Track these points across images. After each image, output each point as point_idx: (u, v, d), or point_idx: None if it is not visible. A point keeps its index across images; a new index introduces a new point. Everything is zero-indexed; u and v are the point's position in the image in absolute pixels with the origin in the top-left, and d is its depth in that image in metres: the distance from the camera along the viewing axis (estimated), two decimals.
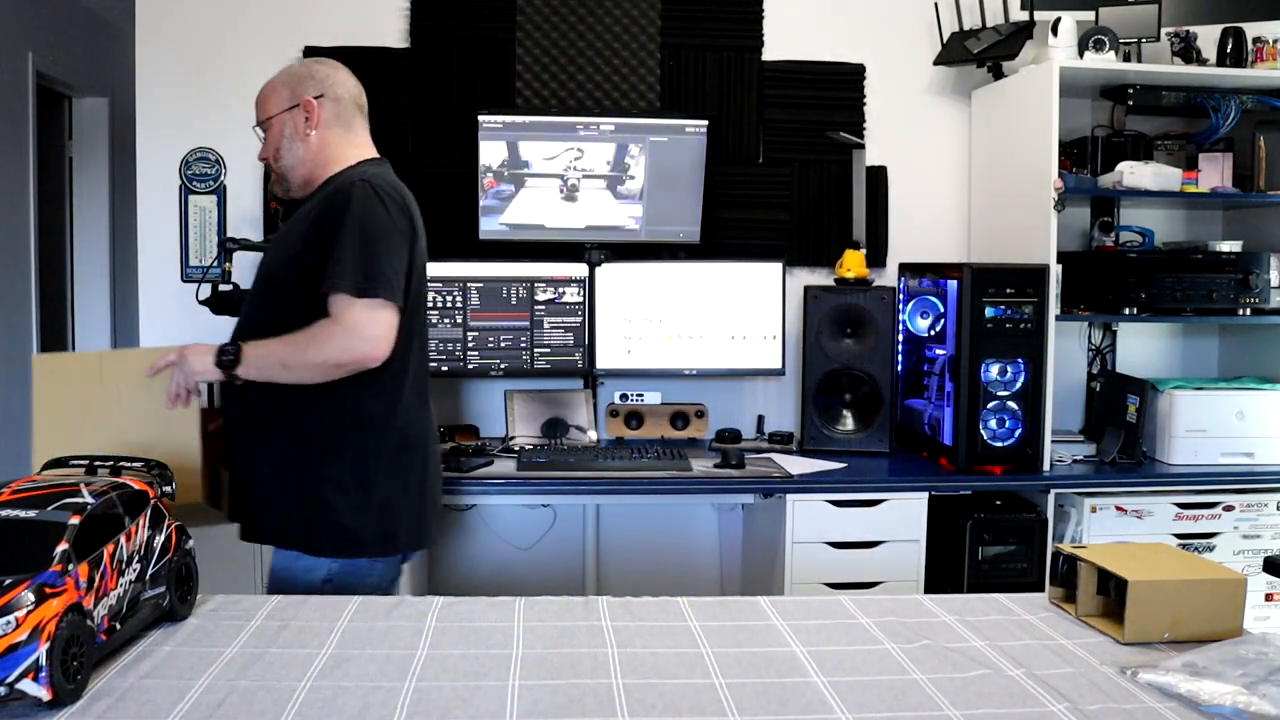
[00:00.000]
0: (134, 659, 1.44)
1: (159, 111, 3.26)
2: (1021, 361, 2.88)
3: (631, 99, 3.32)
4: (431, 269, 3.06)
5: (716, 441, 3.22)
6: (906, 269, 3.26)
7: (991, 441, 2.88)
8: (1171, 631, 1.58)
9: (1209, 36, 3.12)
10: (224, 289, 2.90)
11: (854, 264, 3.12)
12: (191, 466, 2.00)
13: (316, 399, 1.98)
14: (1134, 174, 3.04)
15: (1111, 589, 1.65)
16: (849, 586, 2.75)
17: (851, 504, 2.79)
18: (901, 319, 3.19)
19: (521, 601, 1.73)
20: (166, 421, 2.03)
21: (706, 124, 3.19)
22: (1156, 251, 3.22)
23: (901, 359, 3.20)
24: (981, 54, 3.20)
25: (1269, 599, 3.01)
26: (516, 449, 3.00)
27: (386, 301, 1.94)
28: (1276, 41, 3.04)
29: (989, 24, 3.23)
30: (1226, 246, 3.18)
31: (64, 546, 1.32)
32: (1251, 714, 1.30)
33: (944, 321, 2.99)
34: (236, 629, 1.58)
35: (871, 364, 3.07)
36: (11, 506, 1.38)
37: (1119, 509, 2.93)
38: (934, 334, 3.05)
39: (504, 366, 3.18)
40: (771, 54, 3.38)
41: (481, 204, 3.15)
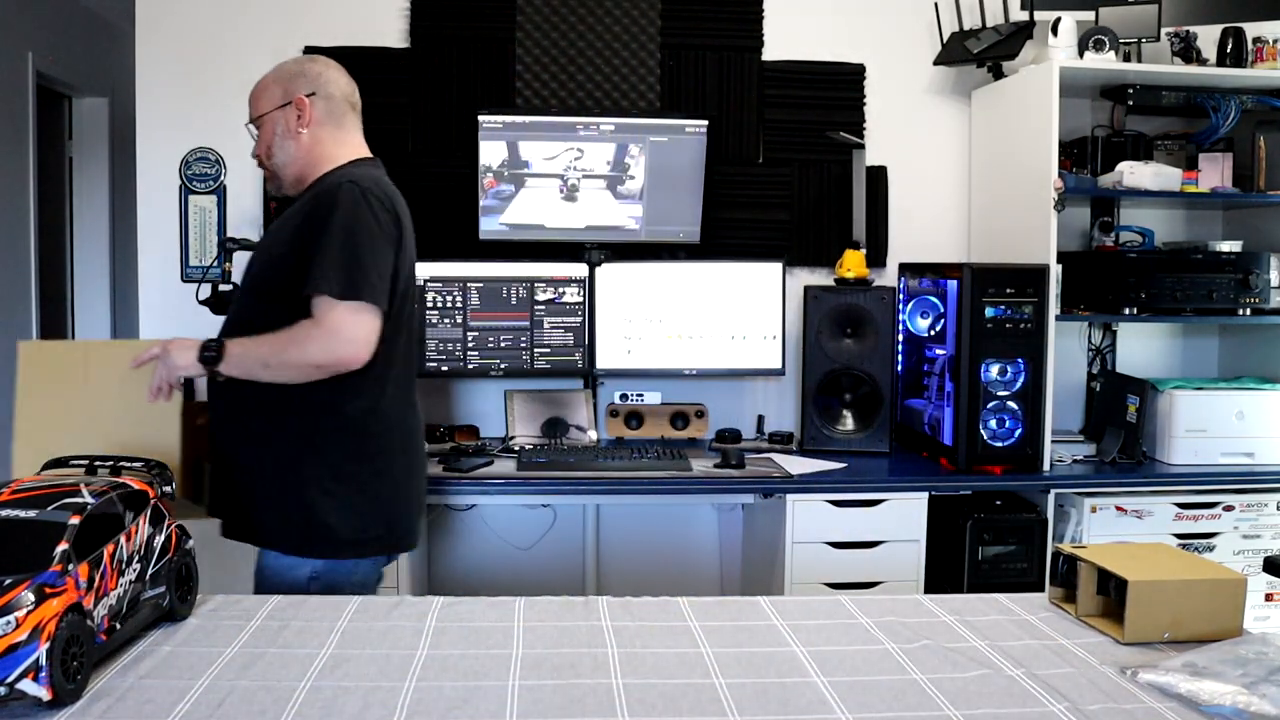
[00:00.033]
0: (134, 659, 1.44)
1: (159, 111, 3.26)
2: (1021, 361, 2.88)
3: (631, 99, 3.32)
4: (431, 269, 3.12)
5: (716, 441, 3.22)
6: (906, 269, 3.26)
7: (991, 441, 2.88)
8: (1171, 631, 1.58)
9: (1209, 36, 3.12)
10: (224, 289, 2.90)
11: (854, 264, 3.12)
12: (171, 461, 2.01)
13: (299, 399, 1.97)
14: (1134, 174, 3.04)
15: (1111, 589, 1.65)
16: (849, 586, 2.75)
17: (851, 504, 2.79)
18: (901, 319, 3.19)
19: (521, 601, 1.73)
20: (148, 414, 2.04)
21: (706, 124, 3.19)
22: (1156, 251, 3.22)
23: (901, 359, 3.20)
24: (981, 54, 3.20)
25: (1269, 599, 3.01)
26: (516, 449, 3.00)
27: (369, 305, 1.94)
28: (1276, 41, 3.04)
29: (989, 24, 3.23)
30: (1226, 246, 3.18)
31: (64, 546, 1.32)
32: (1251, 714, 1.30)
33: (944, 321, 2.99)
34: (236, 629, 1.58)
35: (871, 364, 3.07)
36: (11, 506, 1.38)
37: (1119, 509, 2.94)
38: (934, 334, 3.05)
39: (504, 366, 3.18)
40: (771, 54, 3.38)
41: (481, 204, 3.15)
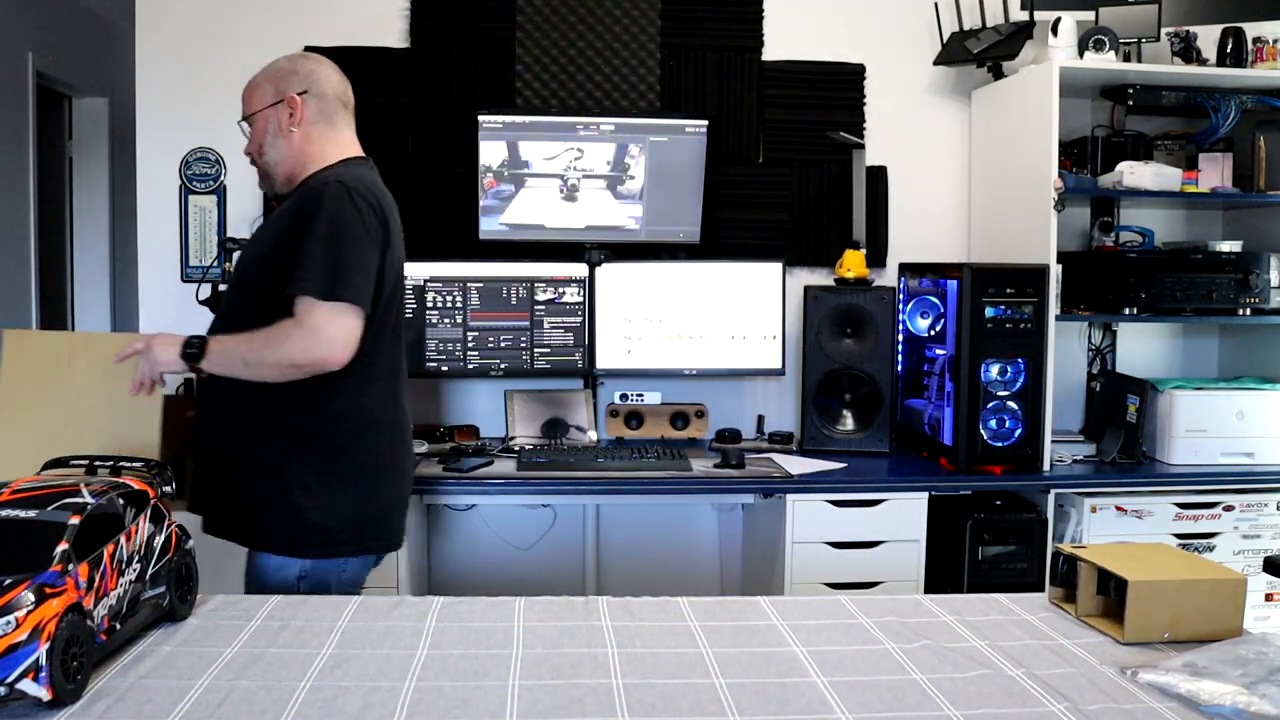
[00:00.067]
0: (134, 659, 1.44)
1: (159, 111, 3.26)
2: (1021, 361, 2.88)
3: (631, 99, 3.32)
4: (431, 269, 3.12)
5: (716, 441, 3.22)
6: (906, 269, 3.26)
7: (991, 441, 2.88)
8: (1171, 631, 1.58)
9: (1209, 36, 3.12)
10: (224, 289, 2.91)
11: (854, 264, 3.12)
12: (150, 454, 2.01)
13: (283, 398, 1.97)
14: (1134, 174, 3.04)
15: (1111, 589, 1.65)
16: (849, 586, 2.75)
17: (851, 504, 2.79)
18: (901, 319, 3.19)
19: (521, 601, 1.73)
20: (129, 408, 2.05)
21: (706, 124, 3.19)
22: (1156, 251, 3.22)
23: (901, 359, 3.20)
24: (981, 54, 3.20)
25: (1269, 599, 3.01)
26: (516, 449, 3.00)
27: (351, 305, 1.93)
28: (1276, 41, 3.04)
29: (989, 24, 3.23)
30: (1226, 246, 3.18)
31: (64, 546, 1.32)
32: (1251, 714, 1.30)
33: (944, 321, 2.99)
34: (236, 629, 1.58)
35: (871, 364, 3.07)
36: (11, 506, 1.38)
37: (1119, 509, 2.94)
38: (934, 334, 3.05)
39: (504, 366, 3.18)
40: (771, 54, 3.38)
41: (481, 204, 3.15)
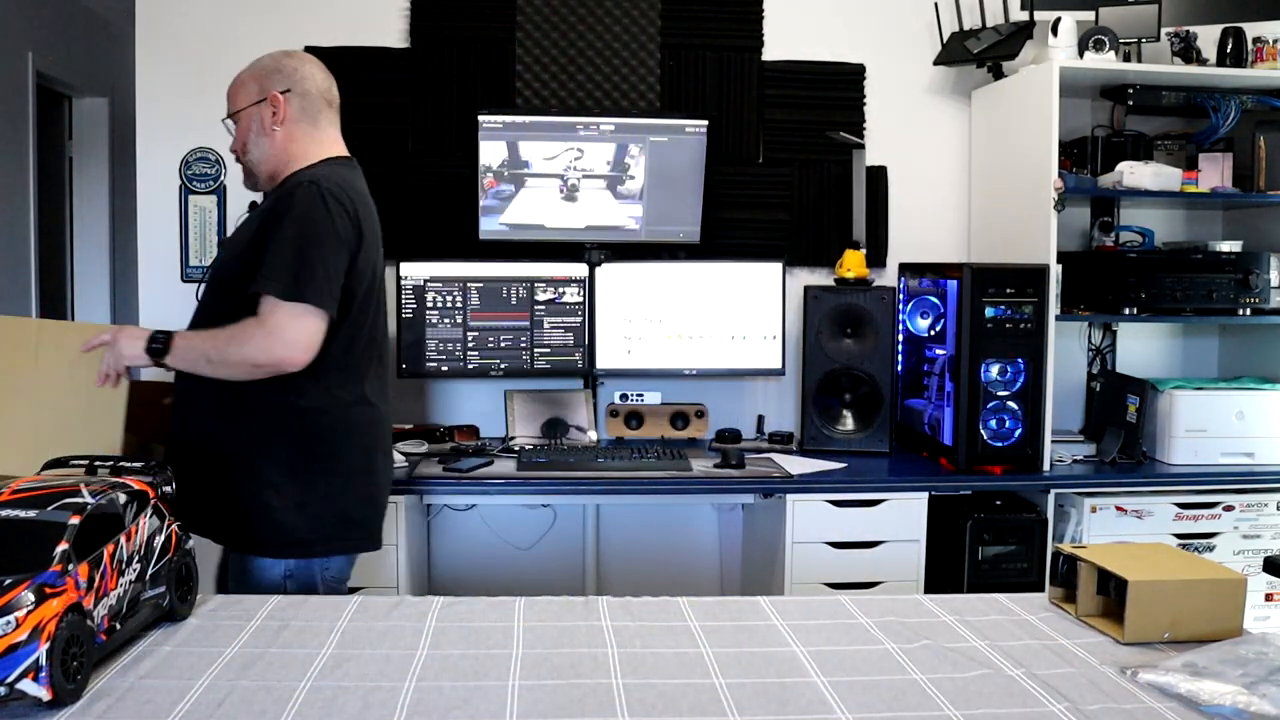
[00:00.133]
0: (134, 659, 1.44)
1: (159, 111, 3.26)
2: (1021, 361, 2.88)
3: (631, 99, 3.32)
4: (431, 269, 3.12)
5: (716, 441, 3.22)
6: (906, 269, 3.26)
7: (991, 441, 2.88)
8: (1171, 631, 1.58)
9: (1209, 36, 3.12)
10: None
11: (854, 264, 3.12)
12: (112, 447, 2.02)
13: (253, 397, 1.97)
14: (1134, 174, 3.04)
15: (1111, 589, 1.65)
16: (849, 586, 2.75)
17: (851, 504, 2.79)
18: (901, 319, 3.18)
19: (521, 601, 1.73)
20: (95, 399, 2.04)
21: (706, 124, 3.19)
22: (1156, 251, 3.22)
23: (901, 359, 3.20)
24: (981, 54, 3.20)
25: (1269, 599, 3.01)
26: (516, 449, 3.00)
27: (312, 307, 1.92)
28: (1276, 41, 3.04)
29: (989, 24, 3.23)
30: (1226, 246, 3.18)
31: (64, 546, 1.32)
32: (1251, 714, 1.30)
33: (944, 321, 2.99)
34: (236, 629, 1.58)
35: (871, 364, 3.07)
36: (11, 506, 1.38)
37: (1119, 509, 2.93)
38: (934, 334, 3.05)
39: (504, 366, 3.18)
40: (771, 54, 3.38)
41: (481, 204, 3.15)
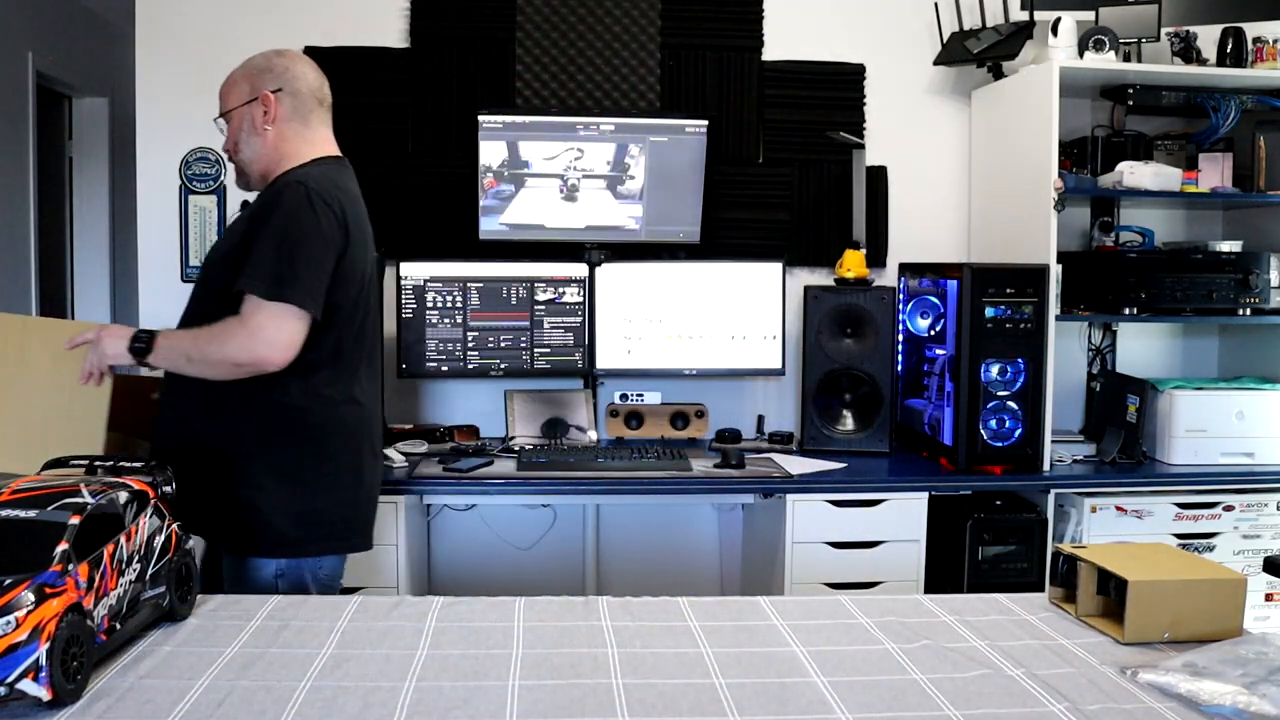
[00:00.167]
0: (134, 659, 1.44)
1: (159, 111, 3.26)
2: (1021, 361, 2.88)
3: (631, 99, 3.32)
4: (431, 269, 3.12)
5: (716, 441, 3.22)
6: (906, 269, 3.26)
7: (991, 441, 2.88)
8: (1171, 631, 1.58)
9: (1209, 36, 3.12)
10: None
11: (854, 264, 3.12)
12: (95, 444, 2.03)
13: (237, 396, 1.97)
14: (1134, 174, 3.04)
15: (1111, 589, 1.65)
16: (849, 586, 2.75)
17: (851, 504, 2.79)
18: (901, 319, 3.18)
19: (521, 601, 1.73)
20: (78, 396, 2.04)
21: (706, 124, 3.19)
22: (1156, 251, 3.22)
23: (901, 359, 3.20)
24: (981, 54, 3.20)
25: (1269, 599, 3.01)
26: (516, 449, 3.00)
27: (295, 308, 1.92)
28: (1276, 41, 3.04)
29: (989, 24, 3.23)
30: (1226, 246, 3.18)
31: (64, 546, 1.32)
32: (1251, 714, 1.30)
33: (944, 321, 2.99)
34: (236, 629, 1.58)
35: (871, 364, 3.07)
36: (11, 506, 1.38)
37: (1119, 509, 2.93)
38: (934, 334, 3.05)
39: (504, 366, 3.18)
40: (771, 54, 3.38)
41: (481, 204, 3.15)
